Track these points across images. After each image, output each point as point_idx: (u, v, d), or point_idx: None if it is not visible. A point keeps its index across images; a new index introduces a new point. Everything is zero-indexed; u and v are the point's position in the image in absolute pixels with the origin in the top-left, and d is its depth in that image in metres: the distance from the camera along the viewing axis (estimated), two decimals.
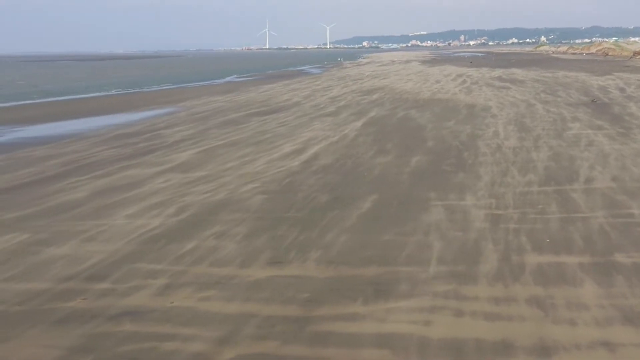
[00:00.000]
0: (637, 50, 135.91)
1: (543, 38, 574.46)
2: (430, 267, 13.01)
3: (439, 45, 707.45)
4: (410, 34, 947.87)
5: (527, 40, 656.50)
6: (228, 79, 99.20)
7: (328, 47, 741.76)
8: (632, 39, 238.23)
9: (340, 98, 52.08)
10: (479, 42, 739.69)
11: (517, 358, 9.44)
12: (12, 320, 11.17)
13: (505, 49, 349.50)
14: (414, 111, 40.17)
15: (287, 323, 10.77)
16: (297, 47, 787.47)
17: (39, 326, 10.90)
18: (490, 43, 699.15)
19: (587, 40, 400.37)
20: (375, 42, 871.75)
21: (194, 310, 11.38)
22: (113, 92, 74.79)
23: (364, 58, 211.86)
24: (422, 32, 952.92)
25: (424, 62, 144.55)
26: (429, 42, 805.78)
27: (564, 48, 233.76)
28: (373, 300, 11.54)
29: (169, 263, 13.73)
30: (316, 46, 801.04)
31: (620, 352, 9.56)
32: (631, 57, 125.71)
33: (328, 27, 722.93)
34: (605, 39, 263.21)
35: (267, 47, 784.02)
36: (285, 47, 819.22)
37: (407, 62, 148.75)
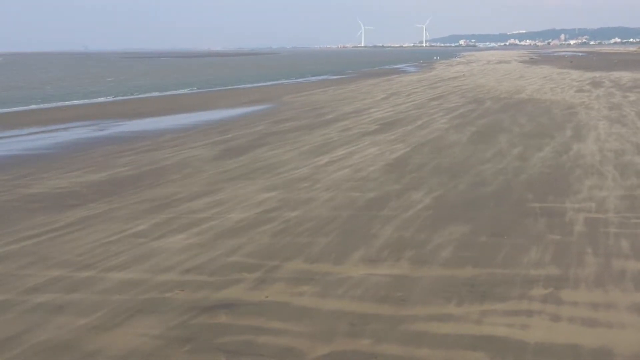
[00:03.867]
0: None
1: None
2: None
3: (538, 44, 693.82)
4: (508, 33, 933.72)
5: (631, 39, 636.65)
6: (324, 77, 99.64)
7: (424, 45, 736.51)
8: None
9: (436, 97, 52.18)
10: (579, 41, 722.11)
11: None
12: None
13: (607, 49, 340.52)
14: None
15: None
16: (392, 45, 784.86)
17: None
18: (592, 42, 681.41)
19: None
20: (473, 40, 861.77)
21: None
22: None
23: (461, 57, 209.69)
24: (520, 31, 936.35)
25: (523, 62, 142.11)
26: (527, 40, 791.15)
27: None
28: None
29: None
30: (412, 44, 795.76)
31: None
32: None
33: (424, 26, 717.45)
34: None
35: (363, 45, 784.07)
36: (380, 45, 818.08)
37: (507, 62, 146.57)
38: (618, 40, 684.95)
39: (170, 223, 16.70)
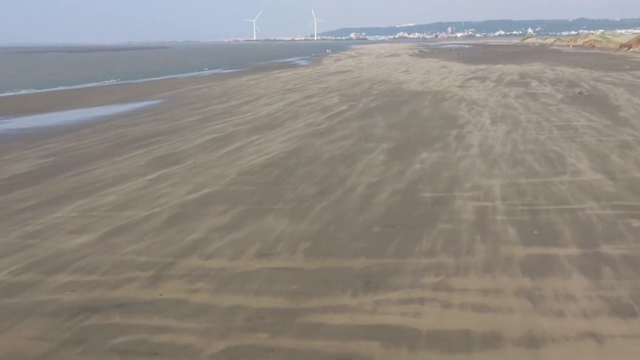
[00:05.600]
0: (624, 42, 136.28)
1: (530, 30, 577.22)
2: None
3: (426, 37, 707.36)
4: (397, 26, 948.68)
5: (514, 32, 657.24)
6: (216, 70, 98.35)
7: (316, 38, 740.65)
8: (618, 31, 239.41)
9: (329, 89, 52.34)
10: (465, 34, 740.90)
11: None
12: None
13: (492, 41, 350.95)
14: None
15: None
16: (284, 39, 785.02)
17: None
18: (477, 35, 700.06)
19: (573, 32, 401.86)
20: (363, 33, 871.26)
21: None
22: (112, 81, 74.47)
23: (352, 50, 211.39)
24: (409, 24, 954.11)
25: (412, 55, 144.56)
26: (416, 33, 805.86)
27: (550, 40, 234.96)
28: None
29: None
30: (304, 38, 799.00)
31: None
32: (617, 50, 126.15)
33: (316, 19, 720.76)
34: (592, 31, 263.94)
35: (255, 38, 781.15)
36: (272, 38, 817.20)
37: (397, 54, 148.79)
38: (502, 32, 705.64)
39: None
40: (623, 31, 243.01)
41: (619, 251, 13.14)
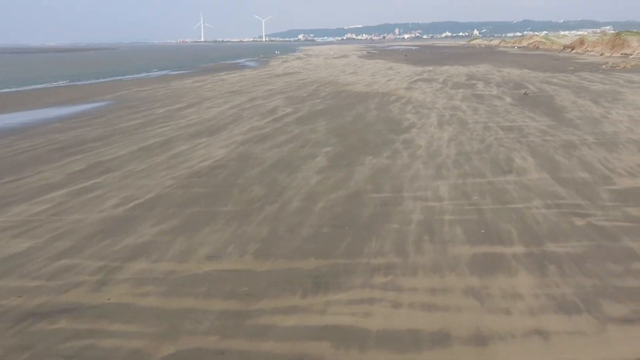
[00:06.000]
0: (567, 44, 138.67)
1: (476, 32, 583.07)
2: None
3: (374, 38, 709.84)
4: (345, 27, 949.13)
5: (460, 33, 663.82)
6: (164, 72, 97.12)
7: (264, 40, 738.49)
8: (562, 33, 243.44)
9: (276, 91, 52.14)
10: (413, 35, 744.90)
11: None
12: None
13: (439, 42, 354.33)
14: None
15: None
16: (232, 40, 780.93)
17: None
18: (425, 36, 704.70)
19: (518, 33, 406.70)
20: (311, 35, 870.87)
21: None
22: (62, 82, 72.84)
23: (300, 51, 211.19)
24: (357, 25, 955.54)
25: (361, 56, 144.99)
26: (364, 35, 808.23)
27: (496, 41, 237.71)
28: None
29: None
30: (252, 39, 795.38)
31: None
32: (561, 51, 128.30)
33: (264, 20, 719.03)
34: (536, 33, 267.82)
35: (203, 40, 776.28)
36: (220, 40, 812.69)
37: (345, 56, 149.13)
38: (449, 34, 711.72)
39: None
40: (566, 32, 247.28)
41: (564, 249, 13.39)
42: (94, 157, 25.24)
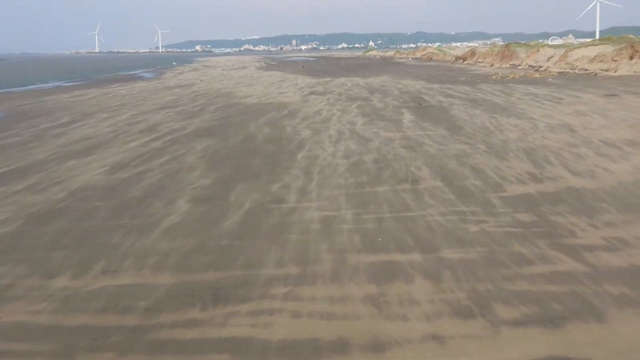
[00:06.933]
0: (459, 55, 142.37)
1: (371, 43, 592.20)
2: None
3: (271, 49, 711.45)
4: (243, 39, 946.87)
5: (357, 45, 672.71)
6: (57, 83, 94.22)
7: (160, 51, 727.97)
8: (454, 44, 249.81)
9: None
10: (310, 46, 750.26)
11: None
12: None
13: (335, 54, 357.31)
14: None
15: None
16: (128, 51, 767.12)
17: None
18: (321, 47, 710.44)
19: (412, 45, 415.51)
20: (209, 46, 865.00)
21: None
22: None
23: (197, 62, 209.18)
24: (254, 37, 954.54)
25: (258, 67, 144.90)
26: (261, 46, 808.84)
27: (391, 53, 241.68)
28: None
29: None
30: (148, 50, 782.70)
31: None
32: (453, 62, 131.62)
33: (160, 31, 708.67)
34: (430, 44, 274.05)
35: (97, 50, 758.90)
36: (116, 50, 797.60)
37: (243, 67, 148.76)
38: (345, 45, 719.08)
39: None
40: (458, 44, 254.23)
41: (458, 255, 13.73)
42: None
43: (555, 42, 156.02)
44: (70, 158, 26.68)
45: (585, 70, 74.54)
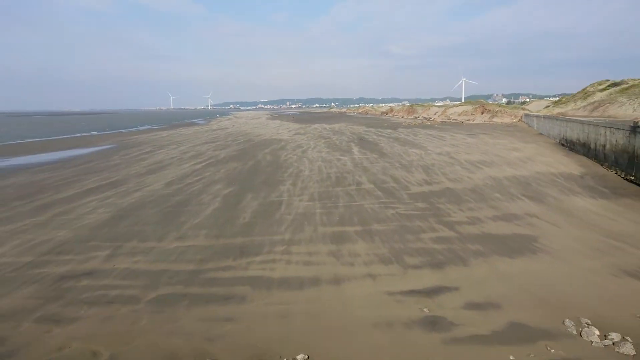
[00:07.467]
0: (384, 110, 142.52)
1: (333, 104, 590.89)
2: None
3: (274, 107, 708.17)
4: (258, 100, 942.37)
5: (324, 105, 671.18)
6: (147, 127, 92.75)
7: (210, 107, 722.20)
8: (381, 105, 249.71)
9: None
10: (297, 106, 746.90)
11: None
12: None
13: (312, 110, 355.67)
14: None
15: None
16: (190, 108, 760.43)
17: None
18: (304, 107, 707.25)
19: (356, 105, 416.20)
20: (237, 105, 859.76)
21: None
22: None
23: (231, 115, 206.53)
24: (264, 99, 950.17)
25: (268, 118, 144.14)
26: (269, 105, 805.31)
27: (344, 109, 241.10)
28: None
29: None
30: (202, 107, 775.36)
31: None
32: (381, 115, 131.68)
33: (209, 96, 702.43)
34: (367, 105, 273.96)
35: (172, 107, 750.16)
36: (184, 107, 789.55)
37: (257, 118, 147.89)
38: (317, 105, 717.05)
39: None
40: (383, 105, 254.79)
41: (382, 227, 13.80)
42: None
43: (439, 104, 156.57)
44: (147, 174, 24.89)
45: (456, 120, 74.96)
